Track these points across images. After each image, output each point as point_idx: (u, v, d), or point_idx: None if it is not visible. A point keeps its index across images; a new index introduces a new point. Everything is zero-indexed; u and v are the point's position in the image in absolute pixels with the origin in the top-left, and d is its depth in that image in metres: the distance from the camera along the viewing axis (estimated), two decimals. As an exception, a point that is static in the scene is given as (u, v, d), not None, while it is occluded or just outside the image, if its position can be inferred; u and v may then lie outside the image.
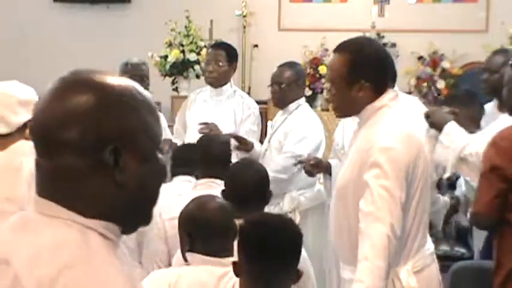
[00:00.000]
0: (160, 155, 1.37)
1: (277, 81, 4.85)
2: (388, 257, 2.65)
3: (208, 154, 3.79)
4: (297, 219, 4.67)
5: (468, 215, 3.73)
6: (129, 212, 1.33)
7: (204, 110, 5.08)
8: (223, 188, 3.40)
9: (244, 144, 4.84)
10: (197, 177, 3.74)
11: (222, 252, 2.65)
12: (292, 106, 4.83)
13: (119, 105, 1.31)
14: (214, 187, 3.53)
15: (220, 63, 5.03)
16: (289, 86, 4.81)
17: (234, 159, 4.19)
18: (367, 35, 7.40)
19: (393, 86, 2.98)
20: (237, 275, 2.41)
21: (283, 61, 5.04)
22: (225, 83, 5.10)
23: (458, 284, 3.70)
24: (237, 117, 5.01)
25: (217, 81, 5.07)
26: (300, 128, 4.72)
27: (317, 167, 4.53)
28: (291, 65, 4.94)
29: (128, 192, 1.31)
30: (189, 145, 4.36)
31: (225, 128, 4.96)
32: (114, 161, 1.29)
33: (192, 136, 4.84)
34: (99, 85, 1.32)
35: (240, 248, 2.42)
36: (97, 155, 1.28)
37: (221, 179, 3.52)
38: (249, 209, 2.97)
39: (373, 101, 2.88)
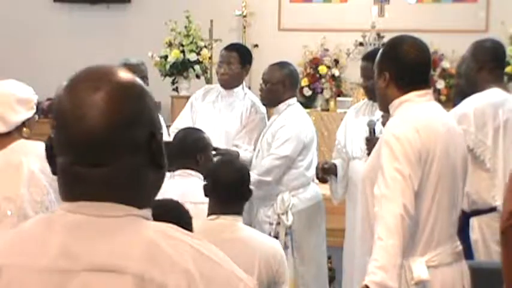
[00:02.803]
0: None
1: (264, 79, 4.85)
2: (402, 236, 2.71)
3: (181, 147, 3.95)
4: (290, 220, 4.65)
5: None
6: (156, 194, 1.40)
7: (211, 111, 5.05)
8: (197, 178, 3.73)
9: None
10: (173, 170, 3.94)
11: None
12: (281, 107, 4.80)
13: (146, 93, 1.38)
14: (188, 177, 3.80)
15: (232, 66, 4.99)
16: (275, 85, 4.78)
17: None
18: (367, 35, 7.43)
19: (427, 87, 3.03)
20: None
21: (283, 61, 5.03)
22: (237, 85, 5.07)
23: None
24: (244, 120, 4.99)
25: (229, 83, 5.03)
26: (285, 129, 4.69)
27: (330, 171, 4.55)
28: (282, 65, 4.90)
29: (163, 173, 1.39)
30: (166, 143, 4.38)
31: (232, 130, 4.95)
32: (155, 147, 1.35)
33: None
34: (128, 78, 1.38)
35: None
36: (148, 147, 1.34)
37: (195, 170, 3.84)
38: (230, 206, 3.23)
39: (399, 97, 2.96)
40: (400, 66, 2.98)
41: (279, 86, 4.78)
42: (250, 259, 3.10)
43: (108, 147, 1.29)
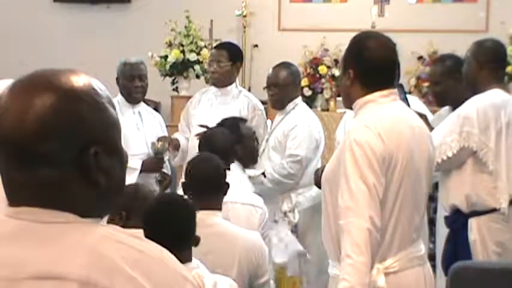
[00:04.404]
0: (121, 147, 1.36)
1: (273, 83, 4.85)
2: (370, 251, 2.62)
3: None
4: (296, 218, 4.68)
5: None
6: (104, 207, 1.35)
7: (209, 110, 5.07)
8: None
9: None
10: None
11: None
12: (289, 106, 4.83)
13: (89, 106, 1.30)
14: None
15: (222, 63, 5.02)
16: (286, 86, 4.81)
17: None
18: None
19: (391, 87, 2.92)
20: None
21: (283, 61, 5.04)
22: (230, 83, 5.07)
23: (458, 284, 3.69)
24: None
25: (220, 81, 5.05)
26: (299, 129, 4.72)
27: None
28: (286, 65, 4.93)
29: (103, 189, 1.31)
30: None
31: None
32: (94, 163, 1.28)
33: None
34: (64, 87, 1.29)
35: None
36: (77, 162, 1.28)
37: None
38: (208, 200, 3.20)
39: (363, 96, 2.87)
40: (365, 65, 2.86)
41: (290, 86, 4.83)
42: (230, 253, 3.09)
43: (24, 155, 1.26)
